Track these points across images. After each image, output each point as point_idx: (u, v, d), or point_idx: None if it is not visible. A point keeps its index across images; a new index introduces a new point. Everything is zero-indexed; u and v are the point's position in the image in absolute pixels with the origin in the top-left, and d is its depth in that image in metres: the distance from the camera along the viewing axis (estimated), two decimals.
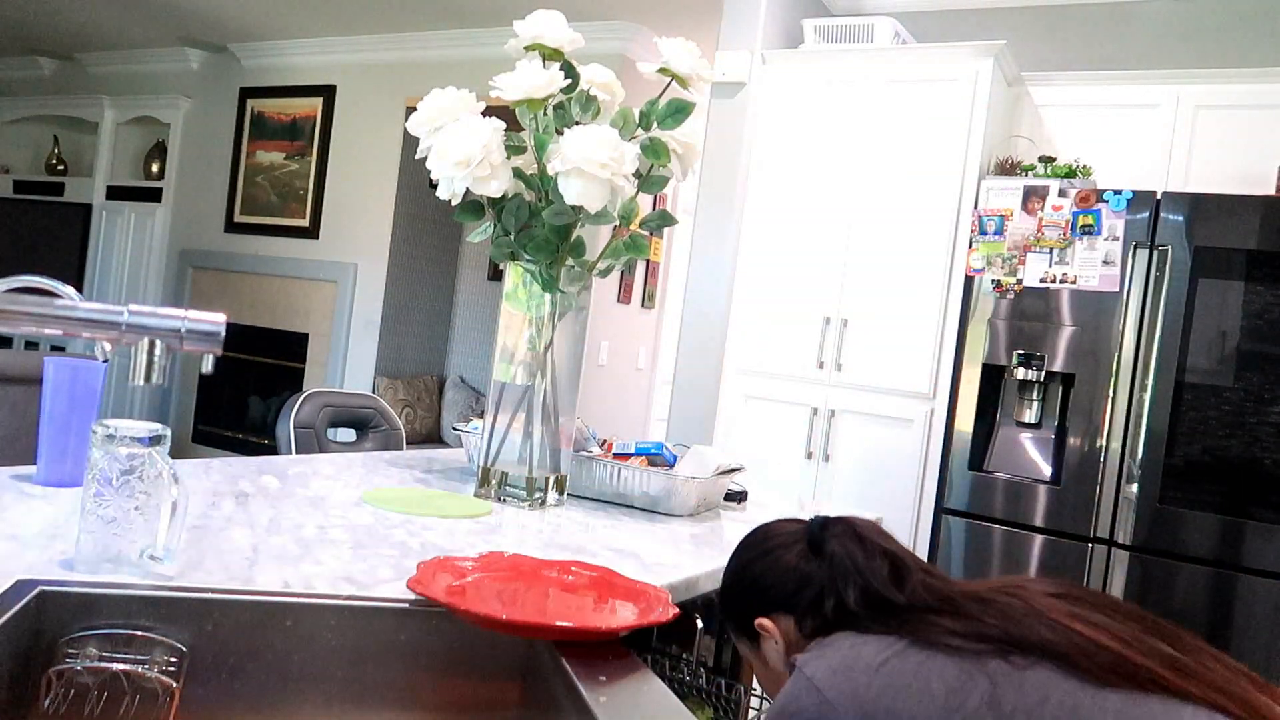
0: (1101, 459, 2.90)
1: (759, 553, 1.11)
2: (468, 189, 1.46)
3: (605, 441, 1.81)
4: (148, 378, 0.89)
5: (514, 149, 1.50)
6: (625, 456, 1.73)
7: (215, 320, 0.89)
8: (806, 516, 1.14)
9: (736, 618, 1.13)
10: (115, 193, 6.34)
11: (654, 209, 1.98)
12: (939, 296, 3.16)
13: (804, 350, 3.37)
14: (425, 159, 1.49)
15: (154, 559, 0.92)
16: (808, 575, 1.05)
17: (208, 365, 0.91)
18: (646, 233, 3.17)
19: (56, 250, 6.44)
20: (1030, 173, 3.14)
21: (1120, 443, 2.88)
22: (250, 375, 5.77)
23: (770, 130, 3.48)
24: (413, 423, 5.26)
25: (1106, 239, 2.91)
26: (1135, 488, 2.84)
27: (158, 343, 0.89)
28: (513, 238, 1.53)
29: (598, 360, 4.78)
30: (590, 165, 1.39)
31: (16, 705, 0.81)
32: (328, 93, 5.54)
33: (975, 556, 3.05)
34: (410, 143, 4.02)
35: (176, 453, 1.00)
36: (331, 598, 0.92)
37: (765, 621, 1.08)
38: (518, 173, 1.50)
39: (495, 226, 1.55)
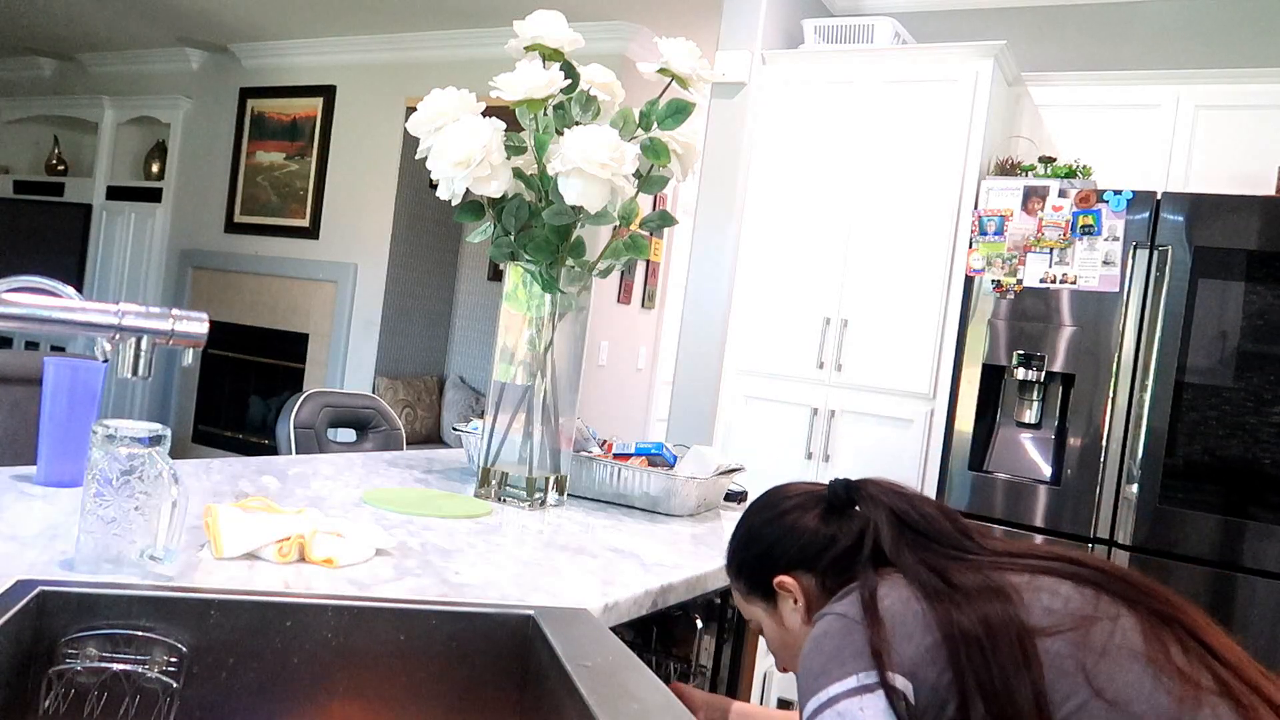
0: (1101, 459, 2.90)
1: (779, 512, 1.11)
2: (468, 189, 1.45)
3: (605, 442, 1.81)
4: (135, 370, 0.91)
5: (514, 149, 1.50)
6: (625, 457, 1.73)
7: (200, 317, 0.95)
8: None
9: (751, 577, 1.12)
10: (115, 193, 6.33)
11: (654, 209, 1.98)
12: (939, 296, 3.16)
13: (804, 350, 3.37)
14: (425, 159, 1.49)
15: (154, 559, 0.92)
16: (832, 535, 1.06)
17: (188, 359, 0.94)
18: (646, 233, 3.17)
19: (56, 250, 6.44)
20: (1030, 173, 3.14)
21: (1120, 443, 2.88)
22: (250, 375, 5.77)
23: (770, 130, 3.48)
24: (413, 423, 5.26)
25: (1106, 239, 2.91)
26: (1135, 488, 2.84)
27: (144, 339, 0.91)
28: (513, 238, 1.53)
29: (598, 360, 4.78)
30: (590, 165, 1.39)
31: (16, 705, 0.81)
32: (328, 93, 5.54)
33: None
34: (410, 143, 4.01)
35: (176, 453, 1.01)
36: (331, 598, 0.92)
37: (786, 579, 1.08)
38: (518, 173, 1.50)
39: (495, 227, 1.55)
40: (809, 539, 1.07)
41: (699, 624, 1.44)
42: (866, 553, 1.02)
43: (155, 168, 6.28)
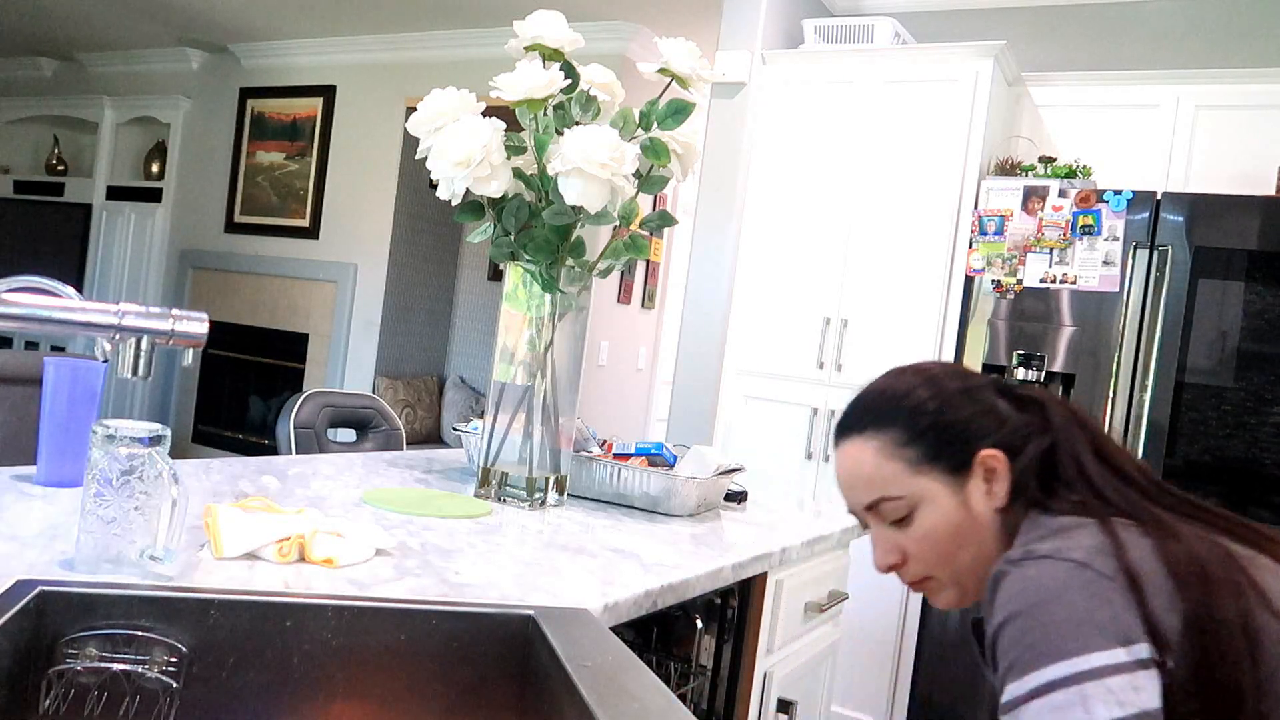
0: None
1: (975, 385, 0.96)
2: (468, 189, 1.46)
3: (605, 442, 1.81)
4: (135, 370, 0.92)
5: (514, 149, 1.50)
6: (625, 457, 1.73)
7: (200, 317, 0.96)
8: None
9: (940, 443, 0.93)
10: (115, 193, 6.34)
11: (654, 209, 1.99)
12: (939, 297, 3.16)
13: (804, 350, 3.37)
14: (425, 159, 1.49)
15: (154, 559, 0.92)
16: (1041, 429, 0.92)
17: (188, 359, 0.95)
18: (646, 233, 3.17)
19: (56, 250, 6.44)
20: (1030, 173, 3.14)
21: (1120, 443, 2.87)
22: (250, 375, 5.77)
23: (770, 130, 3.48)
24: (413, 423, 5.26)
25: (1106, 239, 2.91)
26: None
27: (144, 339, 0.92)
28: (513, 238, 1.53)
29: (598, 360, 4.78)
30: (590, 165, 1.39)
31: (16, 706, 0.81)
32: (328, 93, 5.54)
33: None
34: (410, 143, 4.00)
35: (176, 453, 1.01)
36: (331, 598, 0.92)
37: (998, 453, 0.91)
38: (518, 173, 1.50)
39: (495, 227, 1.55)
40: (1013, 425, 0.92)
41: (699, 624, 1.44)
42: (1070, 475, 0.88)
43: (155, 168, 6.29)
